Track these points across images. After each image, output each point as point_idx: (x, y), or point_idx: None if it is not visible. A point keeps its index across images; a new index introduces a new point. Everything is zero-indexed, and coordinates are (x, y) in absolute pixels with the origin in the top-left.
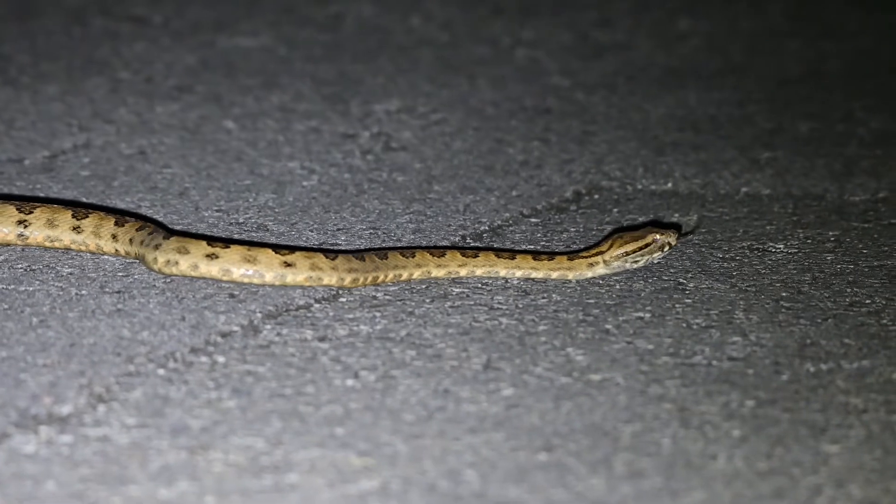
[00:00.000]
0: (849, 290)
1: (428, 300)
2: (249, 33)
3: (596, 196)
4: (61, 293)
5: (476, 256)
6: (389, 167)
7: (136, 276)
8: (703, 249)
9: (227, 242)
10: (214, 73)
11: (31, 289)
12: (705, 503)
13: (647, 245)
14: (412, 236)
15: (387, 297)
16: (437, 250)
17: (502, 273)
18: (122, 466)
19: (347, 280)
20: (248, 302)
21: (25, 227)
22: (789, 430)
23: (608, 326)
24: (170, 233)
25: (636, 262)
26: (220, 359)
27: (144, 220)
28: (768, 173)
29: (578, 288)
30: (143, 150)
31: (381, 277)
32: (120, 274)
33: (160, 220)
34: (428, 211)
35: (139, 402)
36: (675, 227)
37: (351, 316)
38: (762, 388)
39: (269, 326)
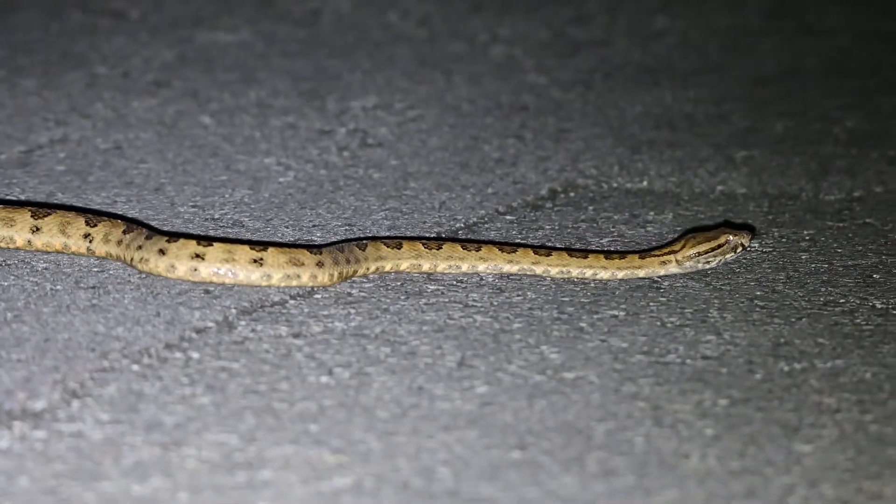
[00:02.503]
0: (823, 289)
1: (403, 297)
2: (227, 28)
3: (571, 194)
4: (36, 288)
5: (549, 255)
6: (365, 164)
7: (111, 272)
8: None
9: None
10: (191, 69)
11: (5, 284)
12: (678, 502)
13: (720, 245)
14: (387, 233)
15: (361, 294)
16: (509, 247)
17: (574, 273)
18: (95, 462)
19: (440, 266)
20: (223, 298)
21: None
22: (762, 429)
23: (582, 324)
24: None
25: (708, 262)
26: (195, 355)
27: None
28: (744, 172)
29: (553, 286)
30: (119, 145)
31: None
32: (95, 269)
33: (136, 215)
34: (403, 208)
35: (113, 398)
36: (749, 228)
37: (326, 312)
38: (735, 387)
39: (243, 323)
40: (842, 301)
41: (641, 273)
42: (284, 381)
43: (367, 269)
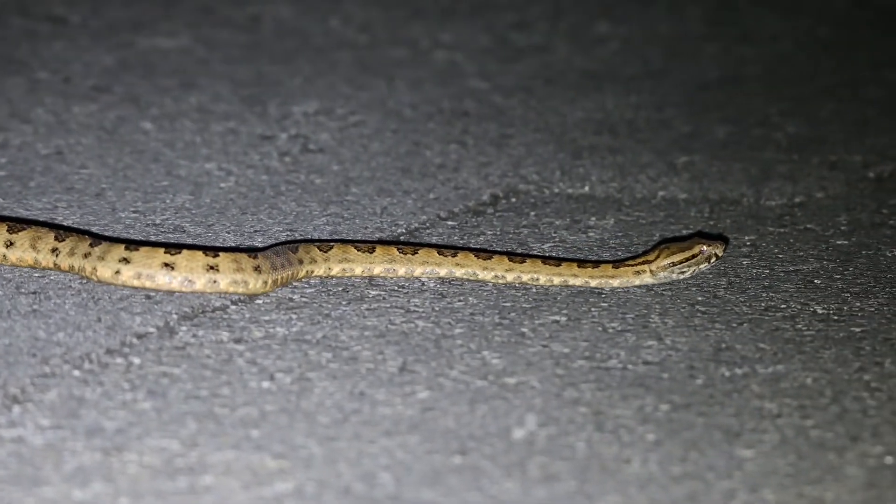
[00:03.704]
0: (764, 294)
1: (344, 302)
2: (168, 34)
3: (513, 199)
4: None
5: (523, 262)
6: (307, 169)
7: (51, 277)
8: (620, 253)
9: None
10: (132, 74)
11: None
12: None
13: (693, 256)
14: (329, 238)
15: (303, 300)
16: (485, 253)
17: (542, 280)
18: (36, 467)
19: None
20: (164, 304)
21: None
22: (704, 435)
23: (524, 330)
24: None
25: (683, 272)
26: (136, 360)
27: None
28: (685, 177)
29: (495, 291)
30: (60, 151)
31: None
32: (36, 275)
33: (77, 220)
34: (345, 213)
35: (54, 404)
36: (722, 239)
37: (267, 318)
38: (677, 393)
39: (184, 328)
40: (783, 306)
41: (615, 283)
42: (226, 386)
43: (329, 270)
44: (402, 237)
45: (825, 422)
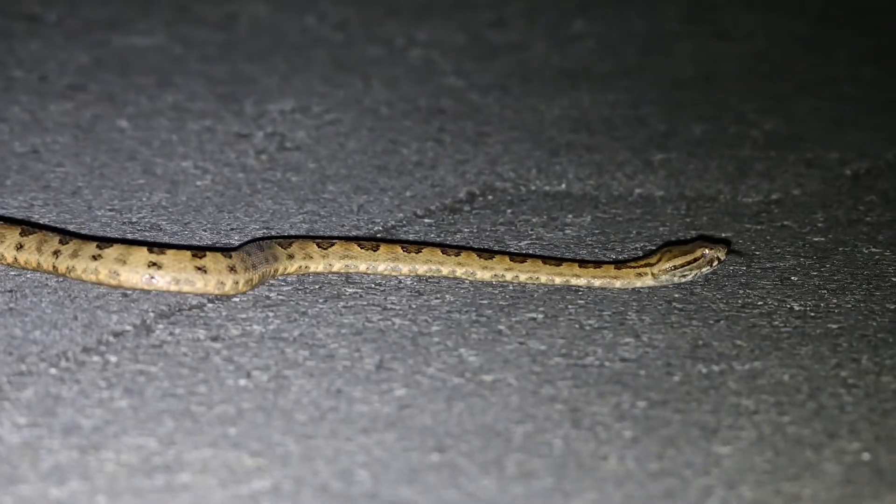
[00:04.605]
0: (741, 291)
1: (321, 300)
2: (144, 32)
3: (490, 197)
4: None
5: (524, 262)
6: (283, 167)
7: (28, 275)
8: (597, 250)
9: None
10: (108, 72)
11: None
12: None
13: (696, 259)
14: (298, 236)
15: (280, 297)
16: (487, 252)
17: (543, 280)
18: (12, 466)
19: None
20: (141, 301)
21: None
22: (681, 432)
23: (501, 327)
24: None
25: (685, 276)
26: (113, 358)
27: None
28: (661, 175)
29: (472, 289)
30: (36, 149)
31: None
32: (12, 273)
33: (53, 219)
34: (322, 211)
35: (30, 402)
36: (724, 242)
37: (244, 316)
38: (654, 390)
39: (161, 326)
40: (760, 303)
41: (618, 284)
42: (203, 384)
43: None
44: (378, 235)
45: (802, 418)
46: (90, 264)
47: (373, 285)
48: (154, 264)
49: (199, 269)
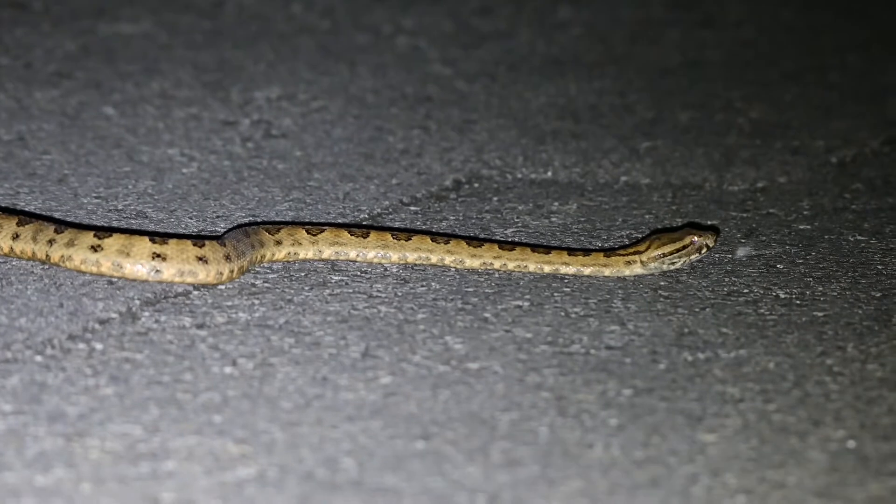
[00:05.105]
0: (727, 279)
1: (307, 288)
2: (130, 19)
3: (476, 184)
4: None
5: (512, 250)
6: (269, 155)
7: (13, 263)
8: (583, 238)
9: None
10: (94, 60)
11: None
12: (582, 492)
13: (685, 247)
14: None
15: (265, 285)
16: (476, 241)
17: (531, 268)
18: None
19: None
20: (127, 289)
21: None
22: (666, 419)
23: (487, 315)
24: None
25: (673, 263)
26: (98, 346)
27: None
28: (648, 163)
29: (458, 276)
30: (22, 137)
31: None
32: None
33: (39, 206)
34: (308, 199)
35: (16, 389)
36: (714, 229)
37: (229, 303)
38: (639, 377)
39: (147, 313)
40: (745, 291)
41: (607, 272)
42: (188, 371)
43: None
44: (364, 223)
45: (787, 406)
46: (90, 255)
47: (359, 273)
48: (158, 255)
49: (200, 258)
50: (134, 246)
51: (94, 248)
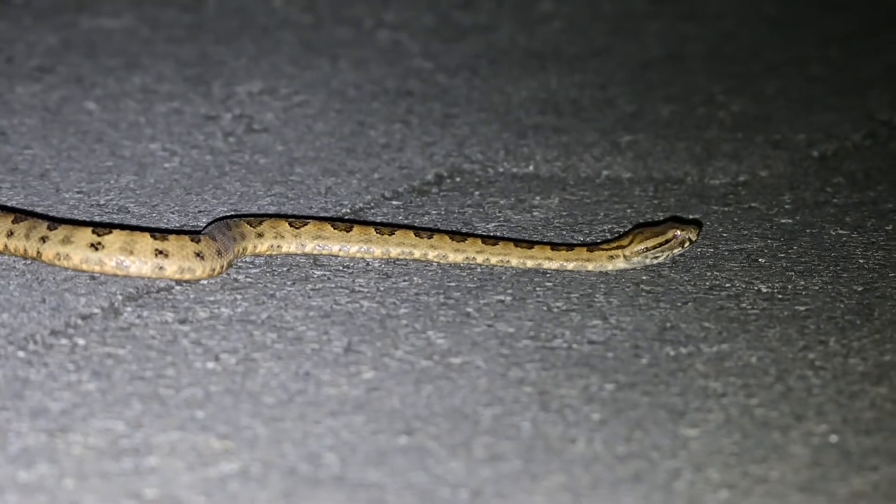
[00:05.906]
0: (709, 273)
1: (289, 283)
2: (111, 14)
3: (457, 179)
4: None
5: (495, 244)
6: (251, 149)
7: None
8: (565, 233)
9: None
10: (76, 54)
11: None
12: (565, 486)
13: (667, 241)
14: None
15: (248, 280)
16: (459, 235)
17: (514, 263)
18: None
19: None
20: (109, 284)
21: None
22: (648, 414)
23: (469, 309)
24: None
25: (656, 257)
26: (81, 341)
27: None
28: (629, 156)
29: (440, 271)
30: (3, 131)
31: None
32: None
33: (21, 201)
34: (289, 193)
35: None
36: (696, 223)
37: (212, 298)
38: (622, 372)
39: (129, 309)
40: (727, 285)
41: (590, 266)
42: (171, 367)
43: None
44: (346, 217)
45: (770, 400)
46: (91, 255)
47: (341, 268)
48: (161, 252)
49: (197, 254)
50: (137, 243)
51: (95, 247)
